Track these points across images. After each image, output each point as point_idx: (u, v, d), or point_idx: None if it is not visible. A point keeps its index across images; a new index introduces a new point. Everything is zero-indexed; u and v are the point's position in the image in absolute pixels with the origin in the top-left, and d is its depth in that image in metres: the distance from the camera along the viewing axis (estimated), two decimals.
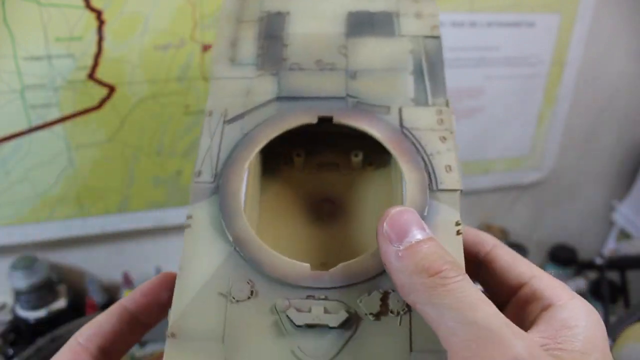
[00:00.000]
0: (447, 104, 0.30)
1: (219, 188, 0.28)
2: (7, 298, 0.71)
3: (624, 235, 1.01)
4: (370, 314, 0.24)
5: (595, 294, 0.90)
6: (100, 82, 0.62)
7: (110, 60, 0.61)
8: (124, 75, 0.62)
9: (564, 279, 0.92)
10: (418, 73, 0.32)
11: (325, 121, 0.30)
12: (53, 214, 0.68)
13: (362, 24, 0.34)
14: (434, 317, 0.20)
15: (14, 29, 0.57)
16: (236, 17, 0.35)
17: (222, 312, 0.25)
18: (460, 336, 0.19)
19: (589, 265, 0.92)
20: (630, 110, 0.93)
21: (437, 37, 0.33)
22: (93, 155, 0.66)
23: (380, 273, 0.25)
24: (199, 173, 0.29)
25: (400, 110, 0.30)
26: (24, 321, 0.67)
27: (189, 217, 0.27)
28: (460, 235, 0.25)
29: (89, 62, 0.61)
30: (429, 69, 0.32)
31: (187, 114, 0.67)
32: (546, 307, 0.24)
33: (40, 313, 0.67)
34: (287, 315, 0.24)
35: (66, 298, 0.70)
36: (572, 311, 0.23)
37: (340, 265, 0.26)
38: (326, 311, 0.24)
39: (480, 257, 0.28)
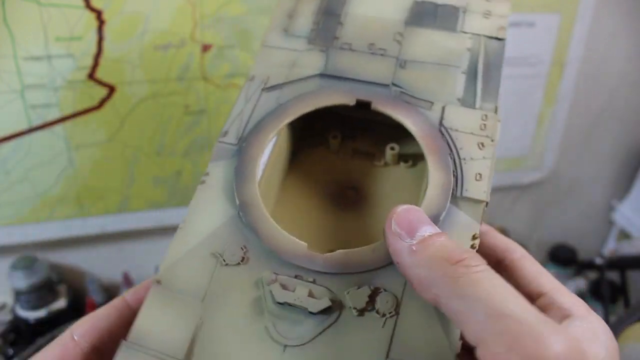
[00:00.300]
0: (495, 110, 0.29)
1: (240, 151, 0.28)
2: (7, 298, 0.71)
3: (624, 235, 1.01)
4: (354, 308, 0.23)
5: (595, 294, 0.90)
6: (100, 82, 0.62)
7: (110, 60, 0.61)
8: (124, 75, 0.62)
9: (564, 279, 0.92)
10: (471, 73, 0.30)
11: (363, 106, 0.30)
12: (53, 214, 0.68)
13: (424, 14, 0.33)
14: (460, 310, 0.19)
15: (14, 29, 0.57)
16: None
17: (210, 272, 0.25)
18: (492, 330, 0.18)
19: (589, 265, 0.92)
20: (630, 110, 0.93)
21: (502, 40, 0.31)
22: (93, 155, 0.66)
23: (376, 269, 0.24)
24: (225, 133, 0.29)
25: (443, 108, 0.29)
26: (24, 321, 0.67)
27: (206, 173, 0.28)
28: (474, 250, 0.24)
29: (89, 62, 0.61)
30: (485, 70, 0.30)
31: (187, 114, 0.67)
32: (565, 317, 0.23)
33: (40, 313, 0.67)
34: (270, 290, 0.24)
35: (66, 298, 0.70)
36: (592, 324, 0.22)
37: (338, 252, 0.25)
38: (310, 294, 0.24)
39: (505, 263, 0.28)
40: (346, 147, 0.34)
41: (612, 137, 0.96)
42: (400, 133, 0.30)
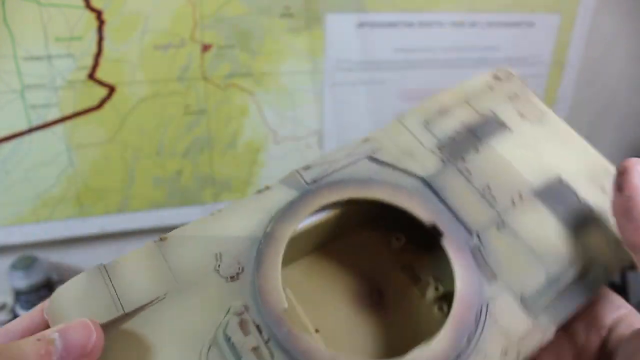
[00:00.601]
0: (545, 334, 0.25)
1: (306, 192, 0.28)
2: (7, 298, 0.71)
3: None
4: None
5: None
6: (100, 82, 0.62)
7: (110, 60, 0.61)
8: (124, 75, 0.62)
9: None
10: (553, 282, 0.26)
11: (435, 232, 0.28)
12: (53, 214, 0.68)
13: (558, 197, 0.29)
14: None
15: (14, 29, 0.57)
16: (468, 96, 0.33)
17: (202, 267, 0.25)
18: None
19: None
20: (630, 110, 0.93)
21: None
22: (93, 155, 0.66)
23: None
24: (308, 167, 0.29)
25: (501, 292, 0.26)
26: None
27: (267, 187, 0.28)
28: None
29: (89, 62, 0.61)
30: (567, 290, 0.26)
31: (187, 114, 0.67)
32: None
33: None
34: (228, 320, 0.24)
35: None
36: None
37: (305, 339, 0.24)
38: (254, 350, 0.23)
39: None
40: (404, 254, 0.32)
41: (612, 137, 0.96)
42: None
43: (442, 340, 0.25)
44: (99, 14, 0.59)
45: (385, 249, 0.33)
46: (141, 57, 0.62)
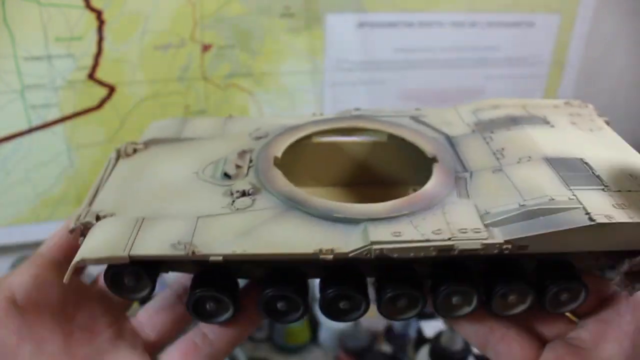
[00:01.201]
0: (492, 238, 0.25)
1: (342, 117, 0.37)
2: None
3: None
4: (237, 191, 0.29)
5: None
6: (100, 82, 0.62)
7: (110, 60, 0.61)
8: (124, 75, 0.62)
9: None
10: (522, 208, 0.26)
11: (432, 160, 0.32)
12: (53, 214, 0.68)
13: (569, 167, 0.29)
14: None
15: (14, 29, 0.57)
16: (527, 105, 0.37)
17: (242, 131, 0.35)
18: None
19: None
20: (631, 110, 0.93)
21: (593, 223, 0.25)
22: (93, 155, 0.66)
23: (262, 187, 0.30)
24: (358, 109, 0.38)
25: (466, 203, 0.28)
26: None
27: (322, 114, 0.38)
28: None
29: (89, 62, 0.61)
30: (535, 221, 0.26)
31: (187, 114, 0.67)
32: None
33: None
34: (230, 155, 0.32)
35: None
36: None
37: (281, 176, 0.30)
38: (237, 167, 0.31)
39: None
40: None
41: None
42: None
43: (386, 204, 0.28)
44: (99, 14, 0.59)
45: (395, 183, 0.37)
46: (141, 57, 0.62)
